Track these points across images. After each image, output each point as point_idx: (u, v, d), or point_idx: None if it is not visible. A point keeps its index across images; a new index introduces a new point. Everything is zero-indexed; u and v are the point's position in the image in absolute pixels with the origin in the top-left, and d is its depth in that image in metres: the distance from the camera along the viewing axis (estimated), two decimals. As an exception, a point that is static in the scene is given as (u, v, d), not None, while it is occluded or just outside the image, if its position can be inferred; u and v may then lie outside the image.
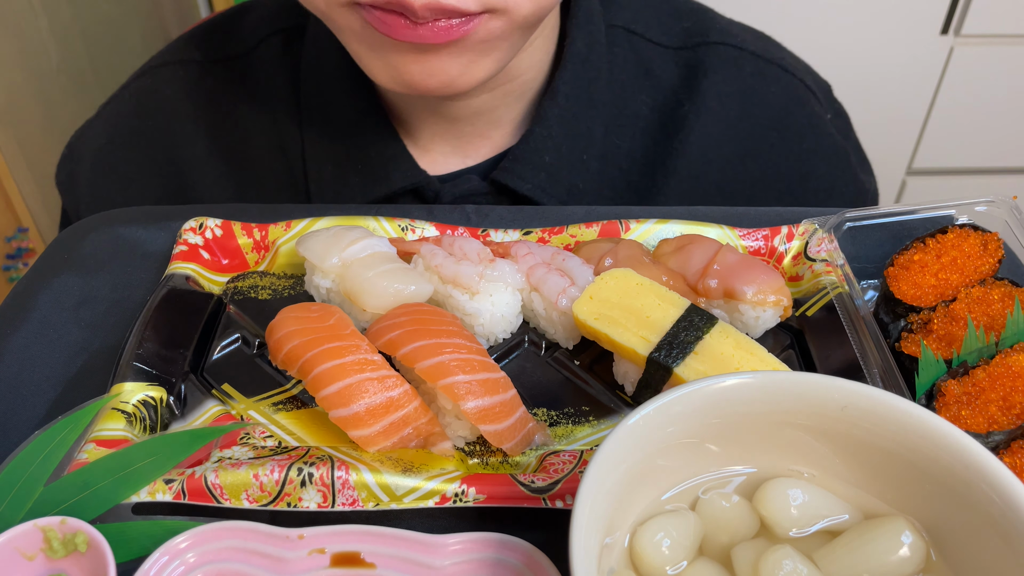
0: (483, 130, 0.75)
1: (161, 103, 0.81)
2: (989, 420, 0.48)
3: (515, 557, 0.43)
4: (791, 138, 0.79)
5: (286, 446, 0.52)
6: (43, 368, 0.57)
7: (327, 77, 0.75)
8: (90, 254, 0.67)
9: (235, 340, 0.59)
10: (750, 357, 0.51)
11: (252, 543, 0.44)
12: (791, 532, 0.41)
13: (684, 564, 0.40)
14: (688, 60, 0.78)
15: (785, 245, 0.64)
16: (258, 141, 0.79)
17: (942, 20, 1.72)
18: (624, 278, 0.56)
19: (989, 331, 0.52)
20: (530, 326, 0.60)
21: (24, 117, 1.46)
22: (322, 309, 0.55)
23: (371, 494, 0.47)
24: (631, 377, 0.55)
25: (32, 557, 0.43)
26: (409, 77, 0.60)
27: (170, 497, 0.47)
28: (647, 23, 0.79)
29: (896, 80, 1.80)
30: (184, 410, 0.54)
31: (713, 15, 0.82)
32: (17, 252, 1.52)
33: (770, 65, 0.79)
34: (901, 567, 0.38)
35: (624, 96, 0.77)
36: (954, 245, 0.57)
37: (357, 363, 0.50)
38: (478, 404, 0.49)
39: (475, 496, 0.47)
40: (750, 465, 0.44)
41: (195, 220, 0.65)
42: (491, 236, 0.65)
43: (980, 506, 0.37)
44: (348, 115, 0.74)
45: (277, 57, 0.78)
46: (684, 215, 0.67)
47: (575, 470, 0.49)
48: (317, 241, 0.60)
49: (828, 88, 0.85)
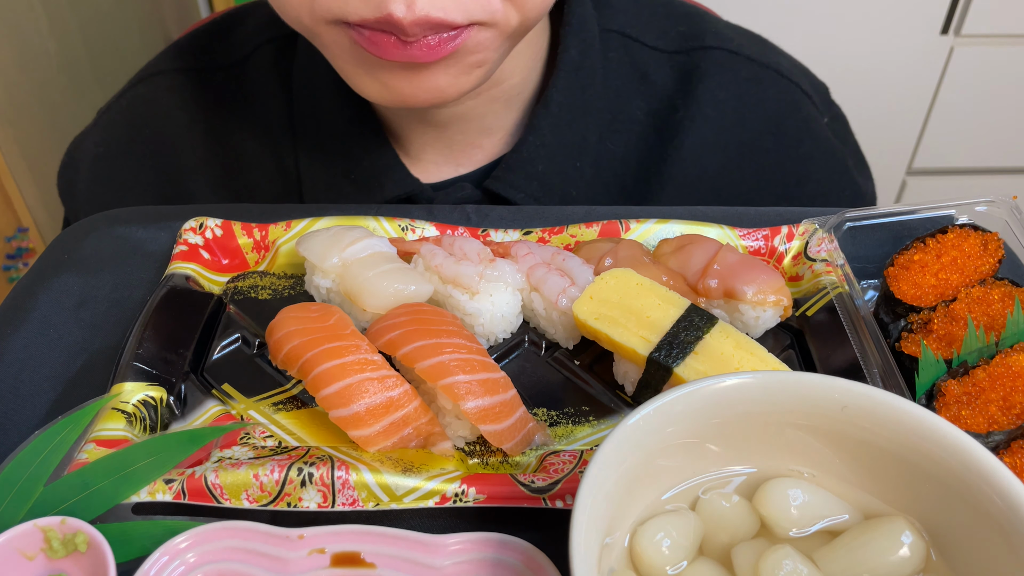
0: (474, 138, 0.75)
1: (156, 112, 0.81)
2: (989, 420, 0.48)
3: (515, 557, 0.43)
4: (787, 143, 0.79)
5: (286, 446, 0.52)
6: (43, 368, 0.57)
7: (319, 87, 0.75)
8: (90, 254, 0.67)
9: (235, 340, 0.59)
10: (750, 357, 0.51)
11: (252, 543, 0.44)
12: (791, 532, 0.41)
13: (684, 564, 0.40)
14: (683, 65, 0.78)
15: (785, 245, 0.64)
16: (253, 150, 0.79)
17: (942, 20, 1.72)
18: (624, 278, 0.56)
19: (989, 331, 0.52)
20: (530, 326, 0.60)
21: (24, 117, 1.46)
22: (322, 309, 0.55)
23: (371, 494, 0.47)
24: (631, 377, 0.55)
25: (32, 557, 0.43)
26: (399, 93, 0.60)
27: (170, 497, 0.47)
28: (642, 27, 0.78)
29: (896, 80, 1.80)
30: (184, 410, 0.54)
31: (709, 18, 0.82)
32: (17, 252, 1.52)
33: (766, 69, 0.79)
34: (901, 567, 0.38)
35: (619, 101, 0.77)
36: (954, 245, 0.57)
37: (357, 363, 0.50)
38: (478, 404, 0.49)
39: (475, 496, 0.47)
40: (750, 465, 0.44)
41: (195, 220, 0.65)
42: (491, 236, 0.65)
43: (980, 506, 0.37)
44: (340, 125, 0.74)
45: (270, 66, 0.78)
46: (684, 215, 0.67)
47: (575, 470, 0.49)
48: (317, 241, 0.60)
49: (825, 90, 0.84)
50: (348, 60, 0.60)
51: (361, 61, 0.59)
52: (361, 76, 0.61)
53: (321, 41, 0.61)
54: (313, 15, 0.57)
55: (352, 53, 0.59)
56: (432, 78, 0.59)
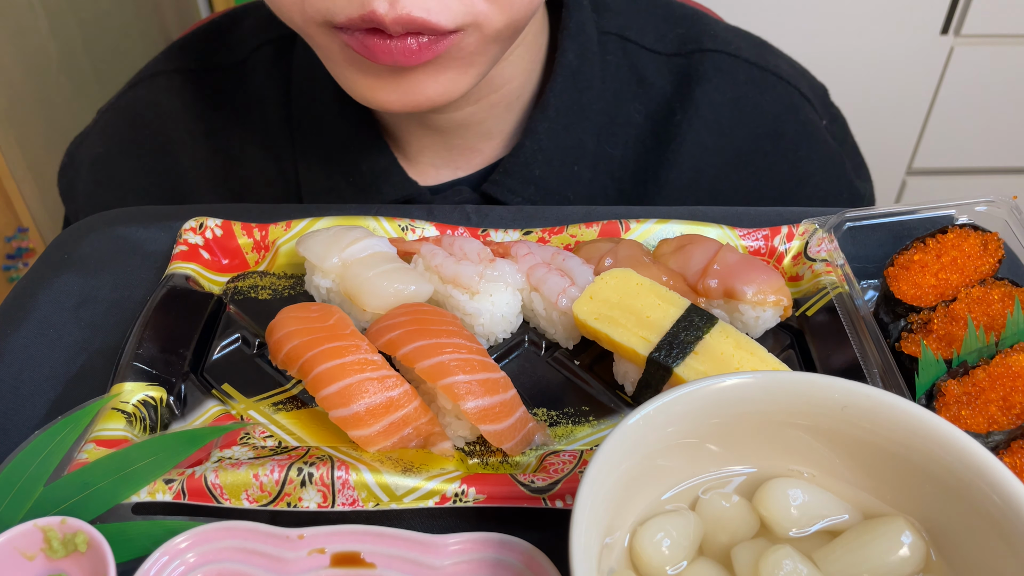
0: (473, 142, 0.75)
1: (156, 112, 0.81)
2: (989, 420, 0.48)
3: (515, 557, 0.43)
4: (785, 146, 0.79)
5: (286, 446, 0.52)
6: (43, 368, 0.57)
7: (317, 89, 0.75)
8: (90, 254, 0.67)
9: (235, 340, 0.59)
10: (750, 357, 0.51)
11: (252, 543, 0.44)
12: (791, 532, 0.41)
13: (684, 564, 0.40)
14: (682, 67, 0.78)
15: (785, 245, 0.64)
16: (251, 151, 0.79)
17: (942, 20, 1.72)
18: (624, 278, 0.56)
19: (989, 331, 0.52)
20: (530, 326, 0.60)
21: (24, 117, 1.46)
22: (322, 309, 0.55)
23: (371, 494, 0.47)
24: (631, 377, 0.55)
25: (32, 557, 0.43)
26: (385, 97, 0.60)
27: (170, 497, 0.47)
28: (641, 29, 0.78)
29: (896, 80, 1.80)
30: (184, 410, 0.54)
31: (708, 21, 0.82)
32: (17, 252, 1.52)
33: (764, 73, 0.79)
34: (901, 567, 0.38)
35: (617, 104, 0.77)
36: (954, 245, 0.57)
37: (357, 363, 0.50)
38: (478, 404, 0.49)
39: (475, 496, 0.47)
40: (750, 465, 0.44)
41: (195, 220, 0.65)
42: (491, 236, 0.65)
43: (980, 506, 0.37)
44: (339, 127, 0.75)
45: (269, 67, 0.78)
46: (684, 215, 0.67)
47: (575, 470, 0.49)
48: (317, 241, 0.60)
49: (824, 92, 0.84)
50: (339, 63, 0.61)
51: (352, 63, 0.60)
52: (352, 80, 0.61)
53: (315, 43, 0.61)
54: (304, 16, 0.57)
55: (343, 56, 0.59)
56: (419, 84, 0.59)
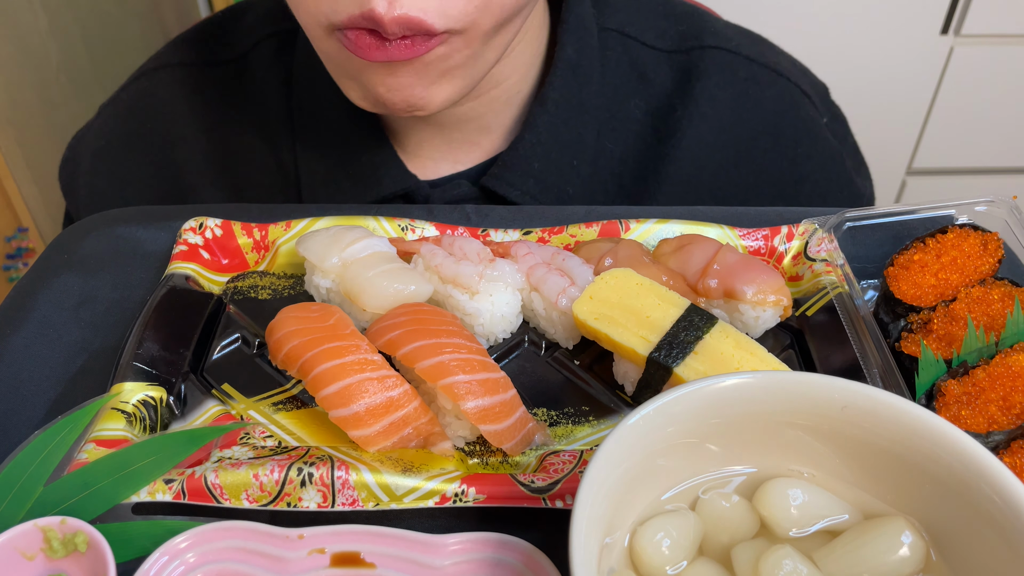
0: (473, 136, 0.75)
1: (157, 107, 0.81)
2: (989, 420, 0.48)
3: (515, 557, 0.43)
4: (785, 143, 0.79)
5: (286, 446, 0.52)
6: (43, 368, 0.57)
7: (319, 82, 0.75)
8: (90, 254, 0.67)
9: (235, 340, 0.59)
10: (750, 357, 0.51)
11: (252, 543, 0.44)
12: (791, 532, 0.41)
13: (684, 564, 0.40)
14: (682, 64, 0.78)
15: (785, 245, 0.64)
16: (252, 145, 0.79)
17: (942, 20, 1.72)
18: (624, 278, 0.56)
19: (989, 331, 0.52)
20: (530, 326, 0.60)
21: (24, 117, 1.46)
22: (322, 309, 0.55)
23: (371, 494, 0.47)
24: (631, 377, 0.55)
25: (32, 557, 0.43)
26: (375, 93, 0.60)
27: (170, 497, 0.47)
28: (641, 26, 0.78)
29: (896, 80, 1.80)
30: (184, 410, 0.54)
31: (708, 18, 0.82)
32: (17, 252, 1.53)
33: (764, 69, 0.79)
34: (901, 567, 0.38)
35: (617, 100, 0.77)
36: (954, 245, 0.57)
37: (357, 363, 0.50)
38: (478, 404, 0.49)
39: (475, 496, 0.47)
40: (750, 465, 0.44)
41: (195, 220, 0.65)
42: (491, 236, 0.65)
43: (980, 506, 0.37)
44: (339, 120, 0.75)
45: (270, 61, 0.79)
46: (684, 215, 0.67)
47: (575, 470, 0.49)
48: (317, 241, 0.60)
49: (825, 91, 0.84)
50: (336, 65, 0.61)
51: (347, 65, 0.60)
52: (346, 80, 0.62)
53: (316, 46, 0.62)
54: (310, 17, 0.58)
55: (340, 58, 0.60)
56: (406, 80, 0.59)
